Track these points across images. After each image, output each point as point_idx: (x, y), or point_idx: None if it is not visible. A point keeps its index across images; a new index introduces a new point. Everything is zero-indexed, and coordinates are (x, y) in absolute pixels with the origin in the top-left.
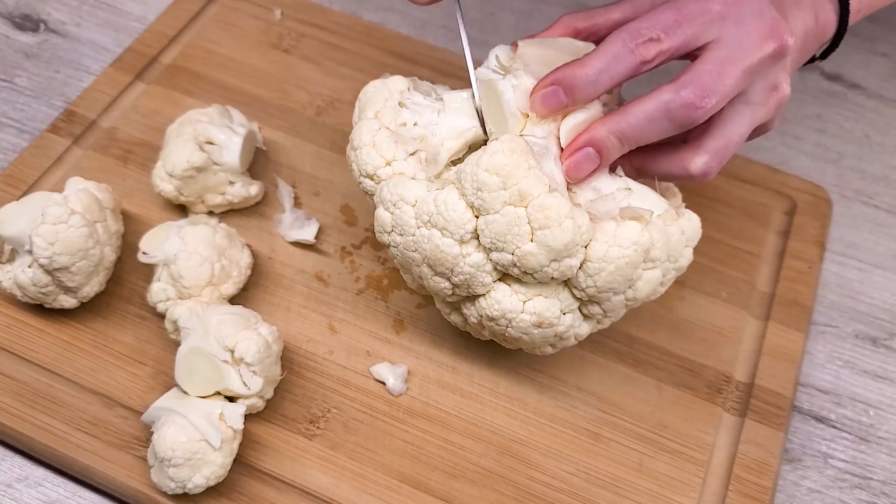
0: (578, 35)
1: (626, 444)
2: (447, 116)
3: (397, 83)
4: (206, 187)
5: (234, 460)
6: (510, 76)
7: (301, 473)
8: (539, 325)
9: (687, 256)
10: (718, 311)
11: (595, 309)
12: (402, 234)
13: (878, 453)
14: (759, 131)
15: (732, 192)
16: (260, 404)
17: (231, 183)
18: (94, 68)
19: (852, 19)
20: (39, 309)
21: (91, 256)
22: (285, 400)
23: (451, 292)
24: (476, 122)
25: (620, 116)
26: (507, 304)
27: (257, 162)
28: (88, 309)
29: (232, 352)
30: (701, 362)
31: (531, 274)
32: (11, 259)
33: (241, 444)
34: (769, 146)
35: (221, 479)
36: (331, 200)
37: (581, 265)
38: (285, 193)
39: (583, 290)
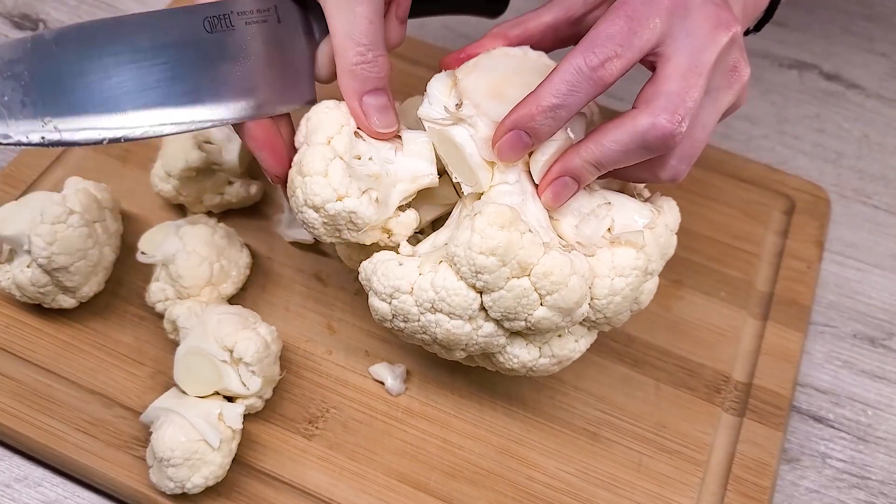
0: (511, 45)
1: (625, 444)
2: (404, 157)
3: None
4: (205, 187)
5: (234, 460)
6: (464, 125)
7: (300, 473)
8: (559, 364)
9: (673, 244)
10: (717, 311)
11: (604, 325)
12: (405, 321)
13: (877, 453)
14: (727, 113)
15: (731, 192)
16: (259, 404)
17: (230, 183)
18: None
19: None
20: (38, 309)
21: (90, 256)
22: (284, 400)
23: (466, 355)
24: (432, 170)
25: (594, 145)
26: (524, 356)
27: (256, 162)
28: (87, 309)
29: (231, 352)
30: (700, 362)
31: (545, 331)
32: (10, 259)
33: (240, 444)
34: (768, 146)
35: (220, 479)
36: None
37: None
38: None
39: (594, 321)
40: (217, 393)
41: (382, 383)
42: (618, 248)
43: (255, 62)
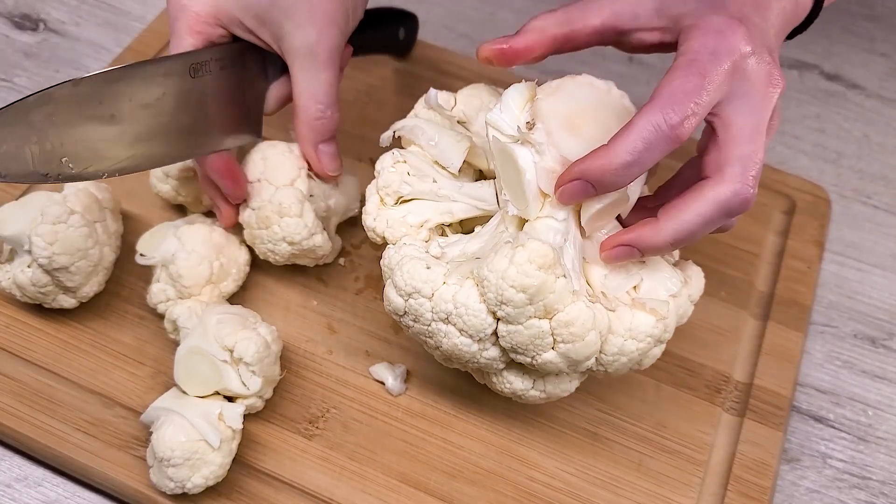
0: (556, 43)
1: (626, 444)
2: (339, 195)
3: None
4: None
5: (234, 460)
6: (531, 148)
7: (300, 473)
8: (547, 398)
9: (689, 312)
10: (717, 311)
11: (600, 375)
12: (416, 321)
13: (877, 453)
14: None
15: None
16: (259, 404)
17: None
18: (94, 68)
19: (827, 0)
20: (39, 309)
21: (90, 256)
22: (284, 400)
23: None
24: (357, 205)
25: (675, 223)
26: (517, 384)
27: None
28: (88, 309)
29: (231, 351)
30: (700, 362)
31: (546, 373)
32: (11, 259)
33: (240, 444)
34: (768, 146)
35: (220, 479)
36: None
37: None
38: None
39: (594, 372)
40: (217, 393)
41: (383, 383)
42: (639, 310)
43: (223, 102)
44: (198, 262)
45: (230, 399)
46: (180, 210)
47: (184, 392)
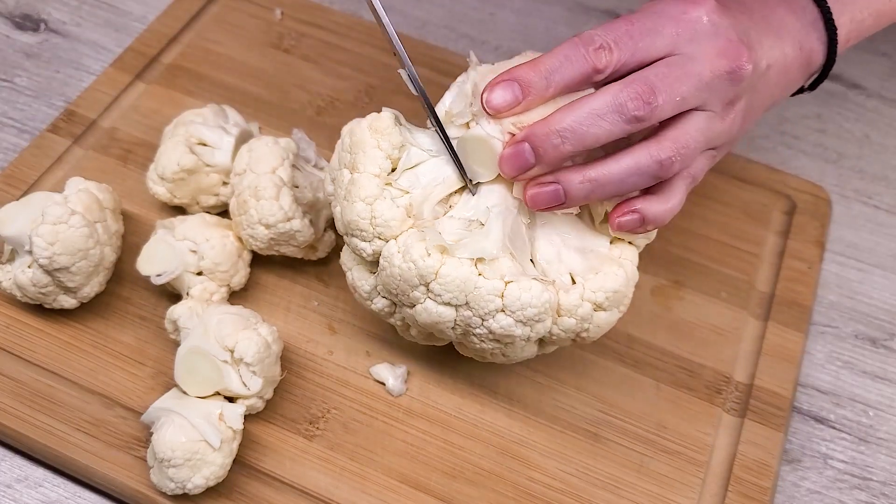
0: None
1: (626, 444)
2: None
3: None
4: (200, 189)
5: (234, 460)
6: (487, 120)
7: (301, 474)
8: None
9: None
10: (718, 312)
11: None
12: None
13: (878, 454)
14: (708, 157)
15: (732, 192)
16: (259, 404)
17: (225, 183)
18: (95, 68)
19: (841, 48)
20: (39, 309)
21: (91, 257)
22: (285, 400)
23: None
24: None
25: (564, 112)
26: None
27: None
28: (88, 309)
29: (231, 352)
30: (700, 362)
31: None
32: (11, 259)
33: (240, 445)
34: (769, 146)
35: (221, 480)
36: None
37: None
38: None
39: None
40: (218, 393)
41: (383, 384)
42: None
43: None
44: (222, 243)
45: (231, 399)
46: (180, 211)
47: (184, 392)
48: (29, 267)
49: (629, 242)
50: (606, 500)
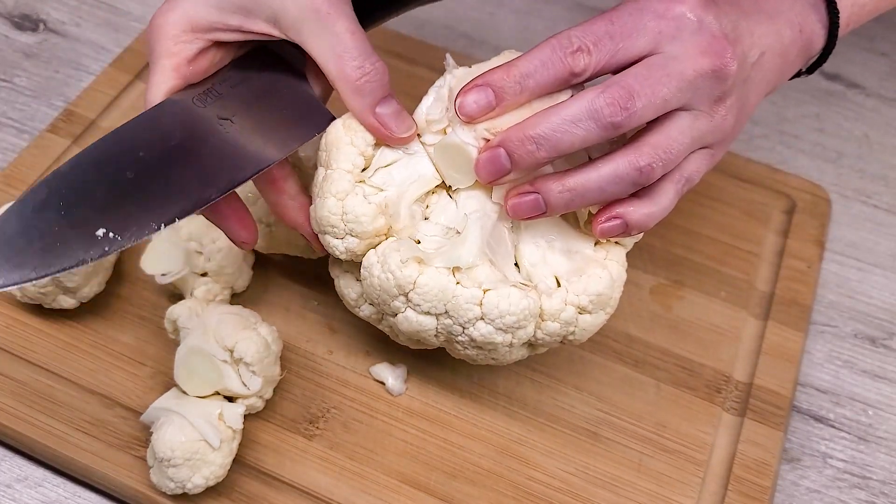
0: None
1: (626, 443)
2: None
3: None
4: None
5: (234, 460)
6: (462, 126)
7: (301, 473)
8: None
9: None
10: (717, 311)
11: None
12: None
13: (877, 453)
14: (704, 158)
15: (732, 192)
16: (259, 404)
17: None
18: (94, 68)
19: (842, 31)
20: (39, 309)
21: None
22: (285, 400)
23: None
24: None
25: (539, 118)
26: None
27: None
28: (88, 309)
29: (231, 352)
30: (700, 362)
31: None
32: None
33: (240, 445)
34: (768, 146)
35: (221, 479)
36: None
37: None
38: None
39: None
40: (217, 393)
41: (383, 383)
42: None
43: (254, 116)
44: (228, 245)
45: (230, 399)
46: None
47: (184, 392)
48: None
49: (616, 242)
50: (606, 499)
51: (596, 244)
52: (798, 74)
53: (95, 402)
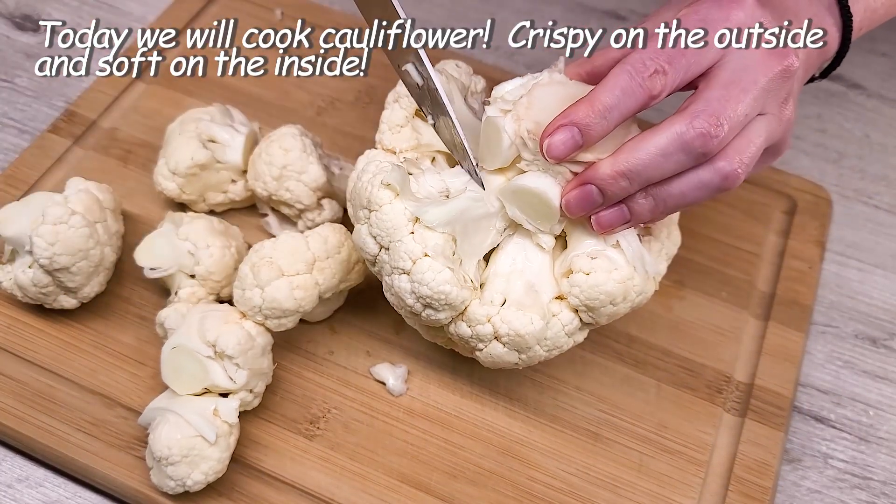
0: (581, 80)
1: (626, 444)
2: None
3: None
4: (209, 185)
5: (235, 460)
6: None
7: (301, 473)
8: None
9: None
10: (718, 311)
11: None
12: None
13: (878, 453)
14: (770, 153)
15: (732, 192)
16: (250, 398)
17: (233, 181)
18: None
19: (854, 35)
20: (40, 309)
21: (91, 257)
22: (285, 400)
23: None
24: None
25: (629, 153)
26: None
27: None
28: (89, 309)
29: (214, 346)
30: (701, 362)
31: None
32: (12, 259)
33: (241, 445)
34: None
35: (220, 475)
36: None
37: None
38: None
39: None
40: (209, 391)
41: (384, 384)
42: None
43: None
44: (221, 254)
45: (224, 395)
46: (182, 209)
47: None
48: (29, 267)
49: (576, 311)
50: (607, 499)
51: (559, 298)
52: (812, 80)
53: (96, 402)
